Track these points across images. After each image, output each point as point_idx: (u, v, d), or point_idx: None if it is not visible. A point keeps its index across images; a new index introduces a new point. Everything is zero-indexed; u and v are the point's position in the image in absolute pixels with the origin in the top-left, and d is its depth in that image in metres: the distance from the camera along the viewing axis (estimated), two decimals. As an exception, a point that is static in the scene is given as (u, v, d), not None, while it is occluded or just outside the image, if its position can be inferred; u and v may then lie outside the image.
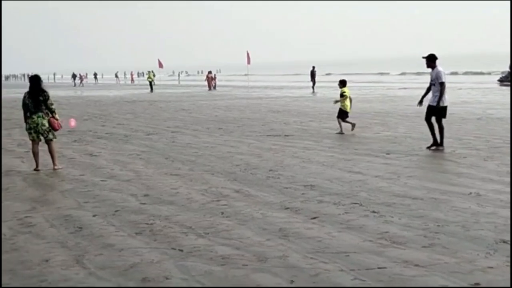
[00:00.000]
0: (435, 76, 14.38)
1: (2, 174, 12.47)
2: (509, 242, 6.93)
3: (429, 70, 14.74)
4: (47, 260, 6.82)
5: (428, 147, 14.57)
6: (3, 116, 24.18)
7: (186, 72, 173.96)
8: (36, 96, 12.67)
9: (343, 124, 18.26)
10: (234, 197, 9.90)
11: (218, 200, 9.69)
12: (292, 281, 5.89)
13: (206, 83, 61.15)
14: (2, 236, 7.90)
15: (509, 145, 14.56)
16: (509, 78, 57.55)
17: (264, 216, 8.56)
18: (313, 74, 51.76)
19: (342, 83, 19.07)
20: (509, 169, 11.60)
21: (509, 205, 8.64)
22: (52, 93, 14.31)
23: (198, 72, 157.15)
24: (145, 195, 10.26)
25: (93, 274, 6.31)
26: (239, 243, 7.28)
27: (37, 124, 12.71)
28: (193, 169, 12.68)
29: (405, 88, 50.24)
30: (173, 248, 7.16)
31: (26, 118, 12.92)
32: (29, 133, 12.93)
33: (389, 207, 8.86)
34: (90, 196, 10.30)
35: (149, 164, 13.52)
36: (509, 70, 58.21)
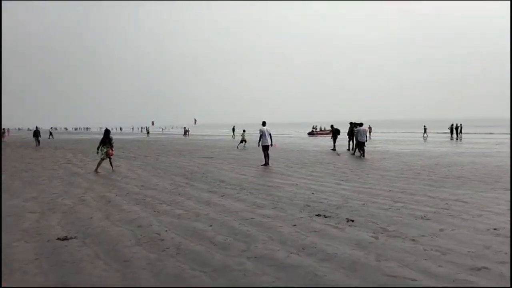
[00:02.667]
0: None
1: (70, 175, 12.27)
2: (310, 206, 7.34)
3: None
4: (91, 218, 6.87)
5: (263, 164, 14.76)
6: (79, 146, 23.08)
7: (172, 127, 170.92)
8: (106, 138, 13.26)
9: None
10: (185, 186, 9.98)
11: (177, 188, 9.76)
12: (211, 225, 6.07)
13: (182, 132, 61.71)
14: (67, 205, 7.79)
15: (310, 162, 15.63)
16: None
17: (199, 195, 8.69)
18: (233, 129, 48.49)
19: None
20: (310, 172, 12.56)
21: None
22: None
23: (172, 127, 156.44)
24: (142, 186, 10.29)
25: (115, 224, 6.37)
26: (186, 208, 7.39)
27: (102, 150, 13.14)
28: (166, 173, 12.68)
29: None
30: (154, 211, 7.24)
31: (99, 147, 13.24)
32: (101, 155, 13.16)
33: (257, 190, 9.20)
34: (115, 186, 10.22)
35: (145, 171, 13.41)
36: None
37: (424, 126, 41.84)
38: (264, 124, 14.79)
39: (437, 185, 9.30)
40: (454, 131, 35.74)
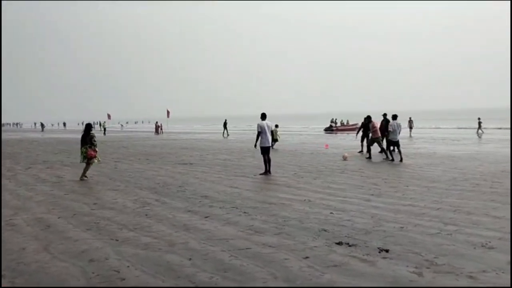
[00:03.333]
0: None
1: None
2: (328, 231, 7.42)
3: None
4: (23, 249, 6.86)
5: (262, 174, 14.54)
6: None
7: (136, 122, 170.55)
8: (87, 135, 14.17)
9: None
10: (155, 204, 10.00)
11: (143, 206, 9.78)
12: (190, 259, 6.07)
13: (154, 129, 61.46)
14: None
15: (328, 170, 15.73)
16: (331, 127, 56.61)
17: (174, 216, 8.71)
18: (225, 124, 48.98)
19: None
20: (328, 184, 12.67)
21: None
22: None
23: (142, 122, 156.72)
24: (95, 204, 10.24)
25: (57, 257, 6.31)
26: (156, 235, 7.38)
27: (82, 152, 14.15)
28: (128, 186, 12.69)
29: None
30: (111, 238, 7.21)
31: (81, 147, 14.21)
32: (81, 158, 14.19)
33: (254, 209, 9.23)
34: (57, 205, 10.18)
35: (98, 183, 13.39)
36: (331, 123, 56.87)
37: (479, 119, 41.78)
38: (264, 117, 14.60)
39: (503, 201, 9.34)
40: None
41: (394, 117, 19.01)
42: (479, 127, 39.74)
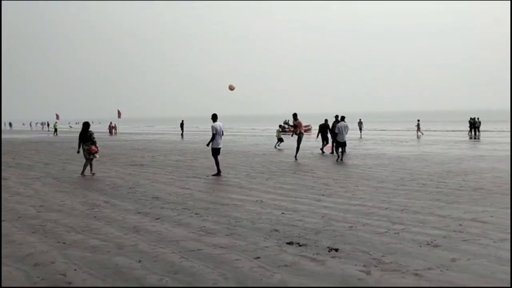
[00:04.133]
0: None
1: None
2: (279, 231, 7.45)
3: None
4: None
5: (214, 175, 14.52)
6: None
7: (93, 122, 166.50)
8: (86, 133, 15.01)
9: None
10: (104, 206, 9.83)
11: (92, 209, 9.59)
12: (140, 261, 5.99)
13: (107, 130, 59.99)
14: None
15: (281, 171, 15.88)
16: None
17: (124, 218, 8.59)
18: (182, 125, 48.76)
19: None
20: (280, 184, 12.78)
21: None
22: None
23: (92, 122, 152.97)
24: (41, 206, 9.98)
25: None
26: (105, 237, 7.25)
27: (84, 149, 14.92)
28: (76, 188, 12.43)
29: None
30: (58, 241, 7.04)
31: (79, 145, 15.15)
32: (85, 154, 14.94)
33: (206, 210, 9.20)
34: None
35: (45, 185, 13.09)
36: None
37: (418, 121, 42.78)
38: (215, 118, 14.49)
39: (448, 200, 9.66)
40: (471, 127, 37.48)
41: (342, 118, 19.45)
42: (418, 128, 40.81)
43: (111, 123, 60.96)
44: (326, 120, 23.53)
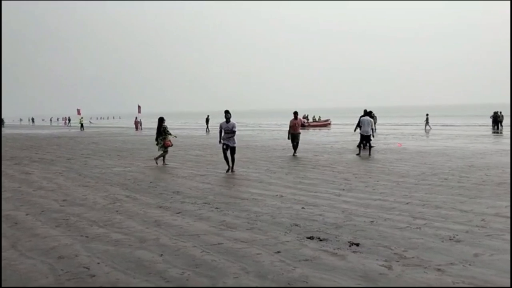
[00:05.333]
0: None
1: None
2: (299, 225, 7.44)
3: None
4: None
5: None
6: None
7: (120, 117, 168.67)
8: (161, 127, 16.13)
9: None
10: (125, 200, 9.93)
11: (114, 203, 9.69)
12: (161, 255, 6.05)
13: (134, 125, 59.34)
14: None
15: (300, 165, 15.77)
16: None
17: (145, 212, 8.67)
18: (207, 120, 48.77)
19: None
20: (300, 179, 12.74)
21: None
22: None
23: (113, 117, 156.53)
24: (64, 200, 10.12)
25: (25, 255, 6.21)
26: (127, 231, 7.34)
27: (159, 142, 16.18)
28: (98, 182, 12.54)
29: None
30: (81, 235, 7.13)
31: (157, 139, 16.36)
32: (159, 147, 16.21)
33: (226, 205, 9.24)
34: (25, 201, 10.02)
35: (67, 180, 13.22)
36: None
37: (427, 115, 41.99)
38: (225, 114, 13.94)
39: (470, 195, 9.55)
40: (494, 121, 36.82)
41: (368, 113, 19.25)
42: (427, 122, 40.23)
43: (136, 118, 60.88)
44: (367, 112, 22.07)
